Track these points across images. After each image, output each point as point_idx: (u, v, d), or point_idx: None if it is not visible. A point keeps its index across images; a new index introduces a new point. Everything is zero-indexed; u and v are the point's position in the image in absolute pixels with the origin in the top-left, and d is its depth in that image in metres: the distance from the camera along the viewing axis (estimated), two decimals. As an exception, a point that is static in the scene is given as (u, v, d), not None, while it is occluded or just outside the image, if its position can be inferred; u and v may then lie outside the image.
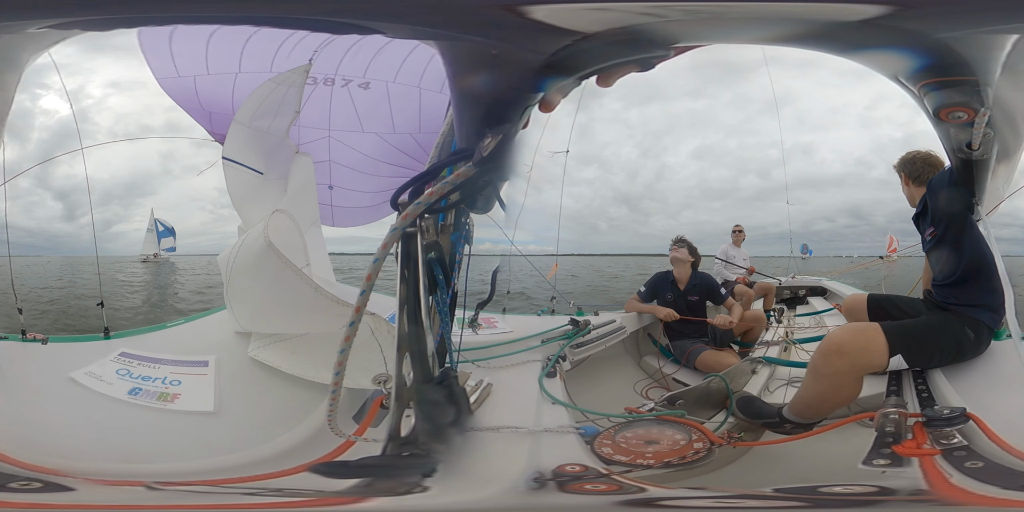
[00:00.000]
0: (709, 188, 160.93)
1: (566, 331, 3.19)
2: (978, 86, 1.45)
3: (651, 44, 1.23)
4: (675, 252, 4.46)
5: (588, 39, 1.18)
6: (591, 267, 35.06)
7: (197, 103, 4.08)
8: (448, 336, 1.87)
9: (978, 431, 1.53)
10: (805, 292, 7.51)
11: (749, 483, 2.06)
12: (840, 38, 1.26)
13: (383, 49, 4.08)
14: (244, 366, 2.34)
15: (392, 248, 1.54)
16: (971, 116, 1.56)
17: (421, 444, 1.48)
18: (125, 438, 1.96)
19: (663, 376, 3.89)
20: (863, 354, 2.12)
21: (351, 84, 4.24)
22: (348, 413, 1.97)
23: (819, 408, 2.23)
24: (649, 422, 1.99)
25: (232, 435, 1.97)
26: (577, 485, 1.51)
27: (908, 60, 1.36)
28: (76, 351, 2.59)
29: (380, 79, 4.24)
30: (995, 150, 1.88)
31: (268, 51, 3.84)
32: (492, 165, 1.38)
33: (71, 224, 53.16)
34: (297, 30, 3.37)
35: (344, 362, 1.55)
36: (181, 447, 1.90)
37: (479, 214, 1.75)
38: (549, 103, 1.37)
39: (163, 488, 1.52)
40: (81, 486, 1.52)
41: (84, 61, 4.79)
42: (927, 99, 1.53)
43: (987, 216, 2.26)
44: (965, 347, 2.23)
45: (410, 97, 4.29)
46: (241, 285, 2.49)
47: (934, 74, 1.42)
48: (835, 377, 2.12)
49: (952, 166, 2.18)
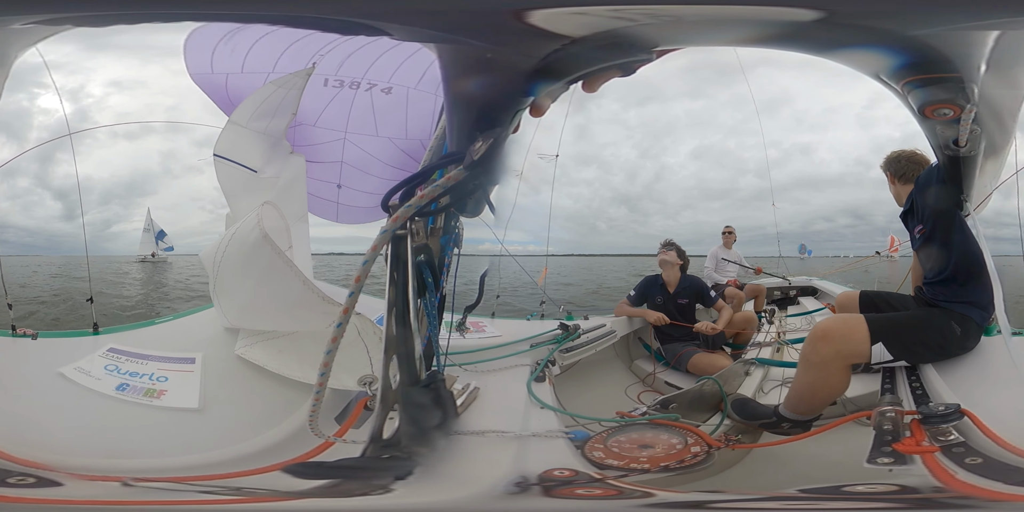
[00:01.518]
0: (708, 188, 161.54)
1: (556, 335, 3.17)
2: (962, 83, 1.45)
3: (633, 48, 1.24)
4: (663, 255, 4.47)
5: (575, 43, 1.19)
6: (590, 269, 34.94)
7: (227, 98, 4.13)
8: (436, 339, 1.87)
9: (973, 427, 1.53)
10: (796, 292, 7.50)
11: (764, 485, 2.05)
12: (811, 38, 1.26)
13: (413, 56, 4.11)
14: (230, 364, 2.33)
15: (382, 250, 1.54)
16: (957, 113, 1.57)
17: (403, 447, 1.48)
18: (111, 434, 1.95)
19: (655, 380, 3.89)
20: (846, 341, 2.19)
21: (375, 88, 4.28)
22: (331, 414, 1.97)
23: (811, 401, 2.27)
24: (642, 426, 1.98)
25: (215, 432, 1.96)
26: (566, 490, 1.50)
27: (887, 58, 1.36)
28: (65, 346, 2.58)
29: (403, 85, 4.28)
30: (982, 146, 1.89)
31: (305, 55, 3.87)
32: (482, 169, 1.38)
33: (71, 224, 53.02)
34: (303, 29, 3.40)
35: (330, 362, 1.55)
36: (165, 443, 1.90)
37: (469, 218, 1.76)
38: (539, 107, 1.38)
39: (136, 484, 1.52)
40: (67, 481, 1.52)
41: (85, 60, 4.81)
42: (911, 97, 1.54)
43: (975, 212, 2.26)
44: (951, 342, 2.24)
45: (427, 104, 4.33)
46: (230, 278, 2.49)
47: (916, 71, 1.42)
48: (822, 365, 2.19)
49: (939, 163, 2.19)
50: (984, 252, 2.06)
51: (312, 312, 2.08)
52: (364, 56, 4.04)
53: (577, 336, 3.24)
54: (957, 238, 2.30)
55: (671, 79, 76.16)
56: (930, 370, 2.12)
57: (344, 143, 4.44)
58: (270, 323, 2.36)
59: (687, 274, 4.54)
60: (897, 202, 2.70)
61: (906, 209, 2.61)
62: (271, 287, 2.23)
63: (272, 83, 3.05)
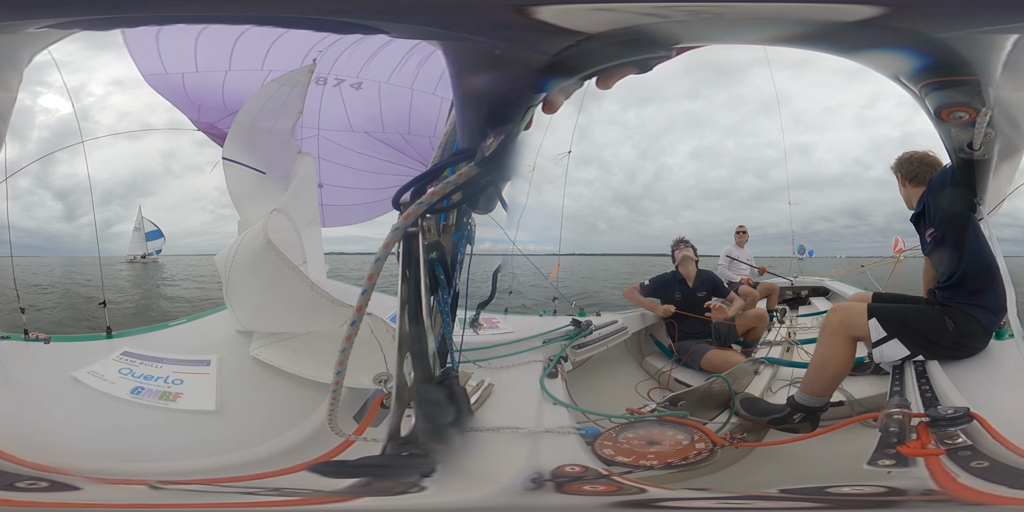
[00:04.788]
0: (707, 188, 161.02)
1: (568, 331, 3.17)
2: (979, 86, 1.45)
3: (653, 44, 1.23)
4: (684, 251, 4.62)
5: (591, 39, 1.18)
6: (591, 268, 34.91)
7: (186, 98, 4.11)
8: (449, 336, 1.87)
9: (982, 431, 1.52)
10: (807, 293, 7.50)
11: (753, 484, 2.05)
12: (841, 38, 1.26)
13: (380, 50, 4.10)
14: (246, 365, 2.34)
15: (394, 248, 1.54)
16: (972, 116, 1.57)
17: (421, 444, 1.48)
18: (128, 437, 1.96)
19: (668, 377, 3.89)
20: (848, 312, 2.45)
21: (343, 84, 4.27)
22: (349, 412, 1.97)
23: (823, 375, 2.41)
24: (651, 423, 1.98)
25: (233, 434, 1.97)
26: (575, 486, 1.50)
27: (909, 60, 1.36)
28: (78, 350, 2.59)
29: (373, 80, 4.27)
30: (996, 150, 1.88)
31: (259, 49, 3.86)
32: (494, 165, 1.37)
33: (71, 224, 52.94)
34: (302, 30, 3.38)
35: (345, 361, 1.55)
36: (183, 446, 1.90)
37: (481, 214, 1.75)
38: (552, 104, 1.37)
39: (165, 487, 1.52)
40: (86, 485, 1.52)
41: (87, 59, 4.80)
42: (928, 99, 1.53)
43: (989, 216, 2.25)
44: (940, 336, 2.26)
45: (402, 98, 4.32)
46: (240, 284, 2.49)
47: (935, 74, 1.42)
48: (832, 335, 2.42)
49: (953, 166, 2.18)
50: (997, 256, 2.07)
51: (323, 314, 2.08)
52: (329, 52, 4.02)
53: (589, 332, 3.24)
54: (970, 242, 2.31)
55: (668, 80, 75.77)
56: (940, 373, 2.11)
57: (318, 139, 4.44)
58: (282, 326, 2.37)
59: (700, 269, 4.67)
60: (907, 205, 2.69)
61: (917, 212, 2.60)
62: (280, 291, 2.23)
63: (274, 81, 3.04)
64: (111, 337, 2.74)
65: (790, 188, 8.82)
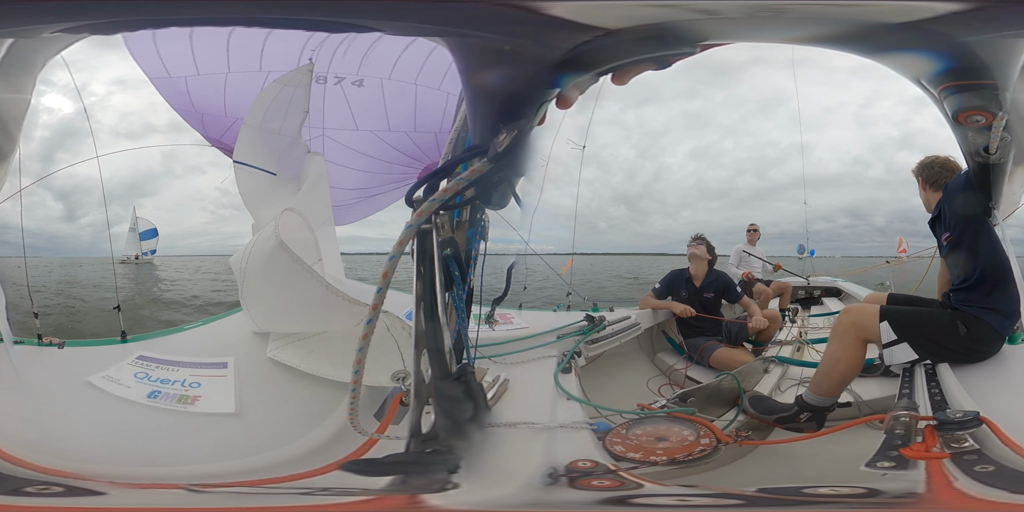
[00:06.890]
0: (707, 188, 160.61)
1: (581, 327, 3.17)
2: (996, 90, 1.45)
3: (679, 41, 1.21)
4: (693, 248, 4.49)
5: (610, 35, 1.17)
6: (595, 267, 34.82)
7: (190, 105, 4.09)
8: (465, 332, 1.87)
9: (991, 435, 1.51)
10: (820, 293, 7.51)
11: (744, 482, 2.05)
12: (871, 40, 1.26)
13: (375, 45, 4.05)
14: (263, 366, 2.34)
15: (408, 245, 1.54)
16: (989, 120, 1.57)
17: (442, 440, 1.48)
18: (147, 441, 1.96)
19: (676, 373, 3.89)
20: (860, 313, 2.46)
21: (344, 82, 4.22)
22: (369, 411, 1.97)
23: (832, 374, 2.43)
24: (660, 419, 1.99)
25: (254, 436, 1.97)
26: (585, 481, 1.51)
27: (932, 63, 1.37)
28: (93, 355, 2.58)
29: (374, 76, 4.21)
30: (1012, 154, 1.88)
31: (254, 49, 3.83)
32: (507, 161, 1.37)
33: (71, 225, 52.78)
34: (307, 31, 3.38)
35: (363, 360, 1.56)
36: (205, 449, 1.91)
37: (494, 210, 1.75)
38: (566, 99, 1.36)
39: (205, 491, 1.51)
40: (111, 490, 1.51)
41: (90, 59, 4.79)
42: (947, 102, 1.53)
43: (1003, 220, 2.25)
44: (950, 340, 2.26)
45: (406, 94, 4.27)
46: (255, 285, 2.49)
47: (955, 77, 1.42)
48: (843, 336, 2.43)
49: (969, 169, 2.18)
50: (1011, 260, 2.06)
51: (338, 313, 2.08)
52: (323, 49, 3.95)
53: (602, 327, 3.24)
54: (984, 245, 2.31)
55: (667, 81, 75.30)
56: (950, 376, 2.11)
57: (323, 139, 4.40)
58: (298, 326, 2.37)
59: (713, 269, 4.55)
60: (926, 208, 2.69)
61: (934, 216, 2.60)
62: (295, 291, 2.23)
63: (276, 82, 3.02)
64: (126, 341, 2.74)
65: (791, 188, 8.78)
